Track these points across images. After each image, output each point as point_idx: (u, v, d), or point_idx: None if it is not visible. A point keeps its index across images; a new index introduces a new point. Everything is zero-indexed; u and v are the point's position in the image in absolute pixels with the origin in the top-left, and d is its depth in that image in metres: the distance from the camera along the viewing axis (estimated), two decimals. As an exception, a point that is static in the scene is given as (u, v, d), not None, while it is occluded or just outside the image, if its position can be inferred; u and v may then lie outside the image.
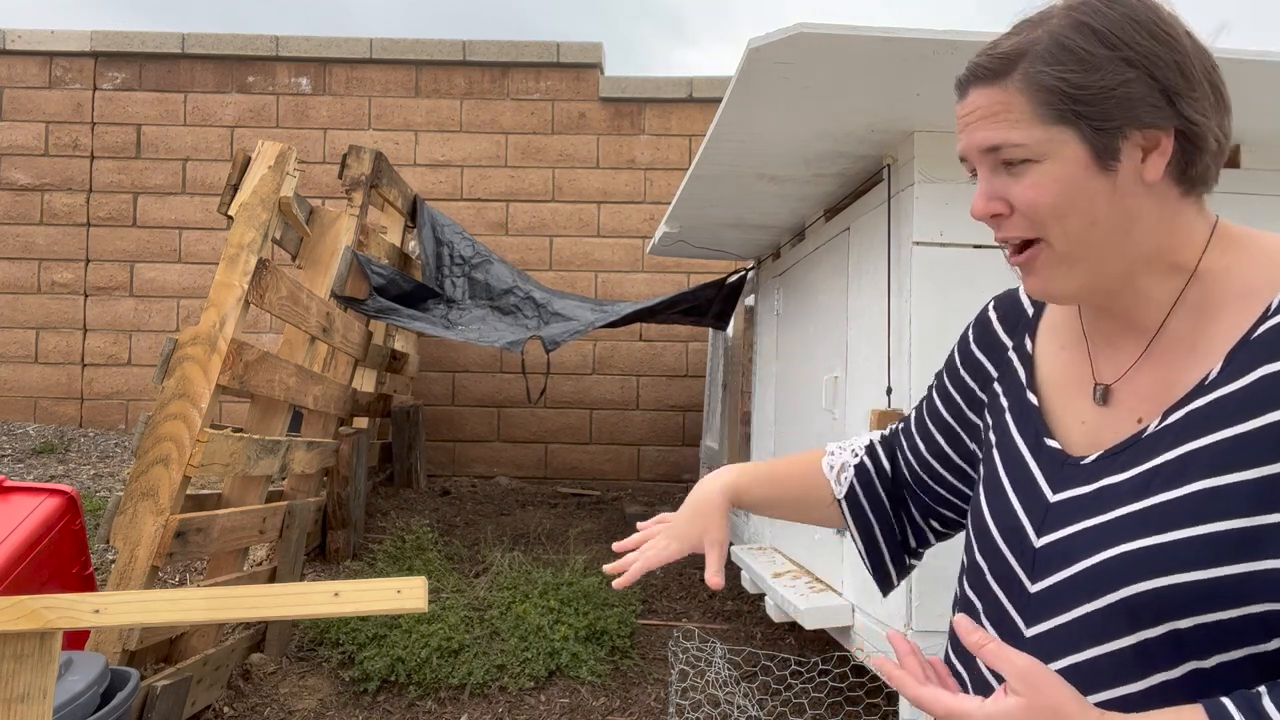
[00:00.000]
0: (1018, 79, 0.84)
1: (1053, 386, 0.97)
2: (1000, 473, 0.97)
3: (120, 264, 6.88)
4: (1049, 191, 0.84)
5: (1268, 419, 0.76)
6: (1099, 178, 0.83)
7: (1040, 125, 0.84)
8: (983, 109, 0.87)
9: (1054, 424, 0.95)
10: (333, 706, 3.36)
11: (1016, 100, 0.84)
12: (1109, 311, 0.91)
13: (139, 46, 6.88)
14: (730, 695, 3.26)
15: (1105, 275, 0.86)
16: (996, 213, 0.88)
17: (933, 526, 1.21)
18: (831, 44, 2.25)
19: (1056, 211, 0.84)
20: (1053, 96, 0.83)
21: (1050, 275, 0.88)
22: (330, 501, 4.60)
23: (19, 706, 1.25)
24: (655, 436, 6.89)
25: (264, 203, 3.21)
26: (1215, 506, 0.76)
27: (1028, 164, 0.85)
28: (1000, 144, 0.85)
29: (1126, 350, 0.90)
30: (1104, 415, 0.90)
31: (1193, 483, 0.78)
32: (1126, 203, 0.84)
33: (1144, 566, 0.78)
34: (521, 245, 6.87)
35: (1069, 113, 0.83)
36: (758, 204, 3.90)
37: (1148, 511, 0.80)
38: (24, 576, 2.59)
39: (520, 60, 6.86)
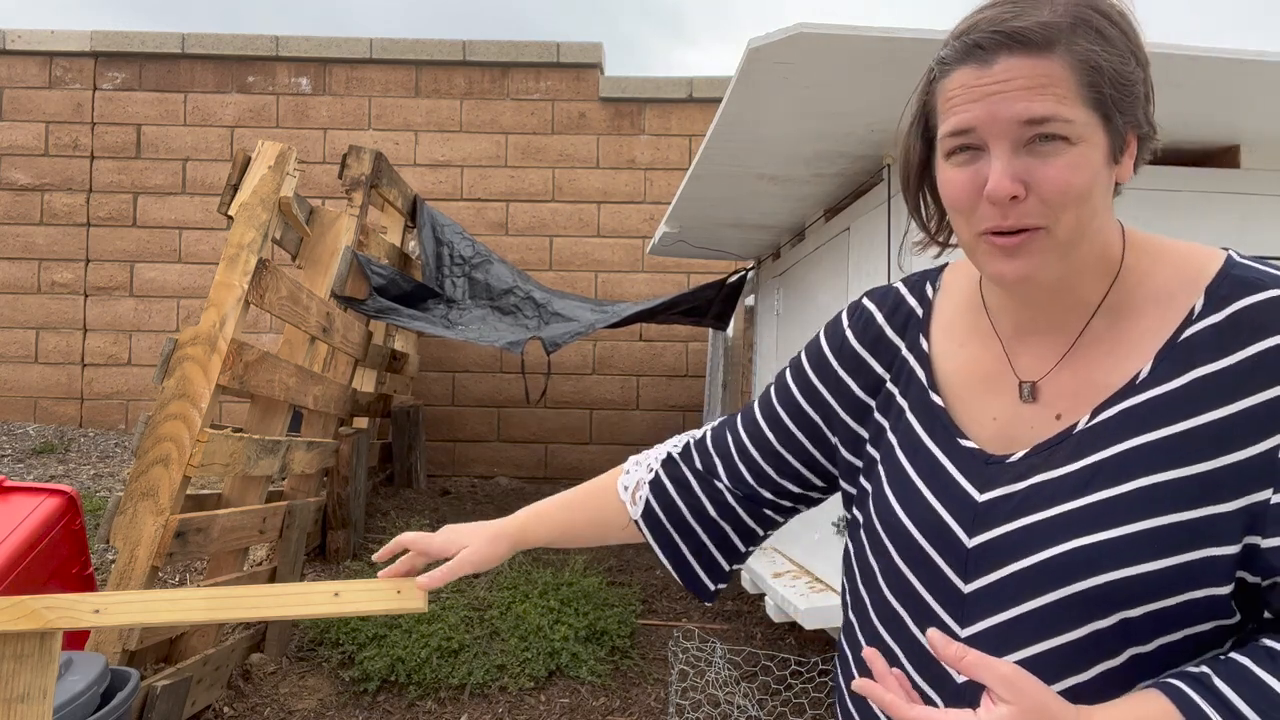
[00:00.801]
0: (1063, 53, 0.80)
1: (956, 385, 0.96)
2: (911, 475, 0.95)
3: (120, 264, 6.88)
4: (1082, 176, 0.80)
5: (1203, 419, 0.79)
6: (1108, 170, 0.83)
7: (1082, 106, 0.80)
8: (1024, 79, 0.80)
9: (961, 423, 0.94)
10: (333, 706, 3.36)
11: (1063, 75, 0.80)
12: (1040, 307, 0.90)
13: (139, 46, 6.88)
14: (730, 695, 3.26)
15: (1079, 266, 0.87)
16: (1017, 194, 0.81)
17: (767, 522, 1.17)
18: (831, 44, 2.25)
19: (1082, 197, 0.81)
20: (1098, 79, 0.80)
21: (1043, 261, 0.83)
22: (330, 501, 4.60)
23: (19, 706, 1.25)
24: (655, 436, 6.89)
25: (264, 203, 3.21)
26: (1159, 502, 0.79)
27: (1062, 144, 0.80)
28: (1049, 117, 0.79)
29: (1045, 347, 0.91)
30: (1019, 412, 0.90)
31: (1136, 479, 0.80)
32: (1109, 199, 0.86)
33: (1096, 561, 0.80)
34: (521, 245, 6.87)
35: (1107, 98, 0.80)
36: (758, 204, 3.90)
37: (1093, 507, 0.81)
38: (24, 576, 2.59)
39: (520, 60, 6.86)
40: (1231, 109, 2.53)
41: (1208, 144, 2.84)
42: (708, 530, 1.17)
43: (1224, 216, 2.76)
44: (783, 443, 1.11)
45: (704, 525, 1.17)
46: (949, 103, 0.85)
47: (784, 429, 1.11)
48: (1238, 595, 0.80)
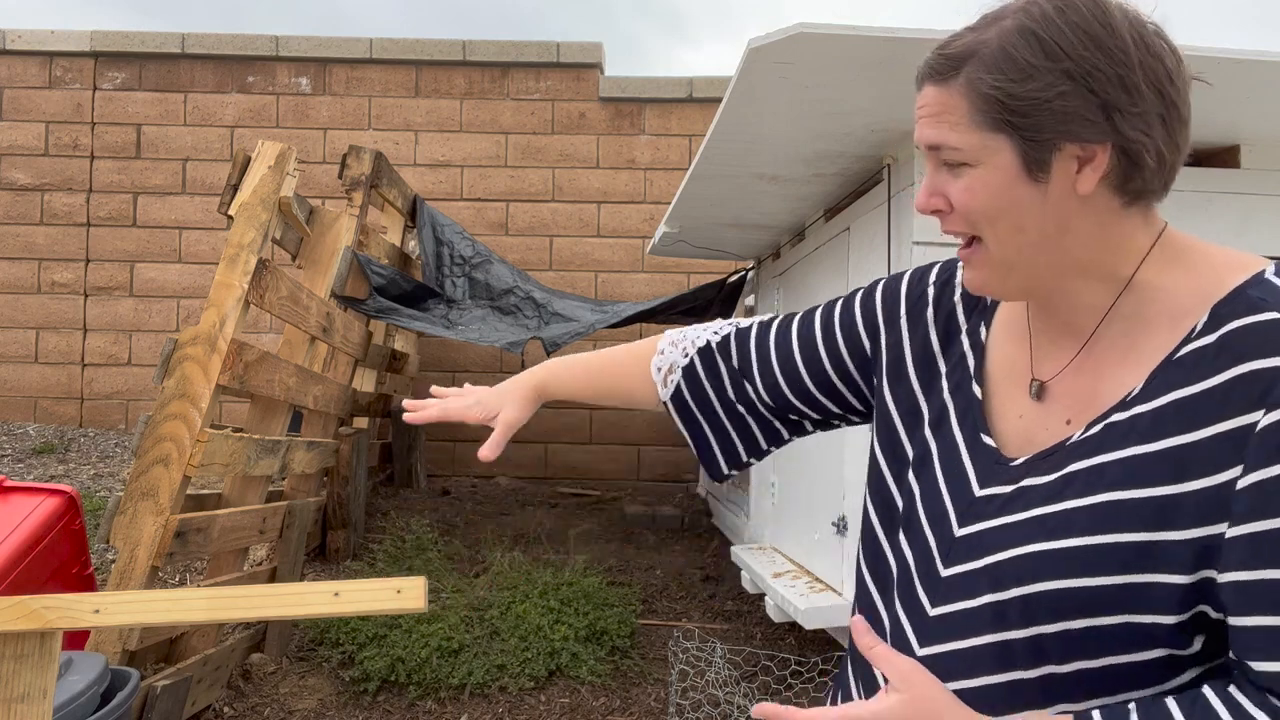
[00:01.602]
0: (960, 82, 0.85)
1: (997, 379, 0.98)
2: (934, 459, 0.98)
3: (120, 264, 6.88)
4: (979, 196, 0.85)
5: (1172, 442, 0.78)
6: (1028, 187, 0.84)
7: (976, 130, 0.84)
8: (929, 107, 0.88)
9: (993, 416, 0.96)
10: (333, 706, 3.36)
11: (957, 103, 0.85)
12: (1051, 309, 0.93)
13: (139, 46, 6.88)
14: (730, 695, 3.26)
15: (1038, 279, 0.88)
16: (937, 208, 0.90)
17: (796, 428, 1.22)
18: (832, 44, 2.25)
19: (986, 215, 0.86)
20: (988, 104, 0.84)
21: (986, 274, 0.90)
22: (330, 501, 4.60)
23: (19, 706, 1.25)
24: (655, 436, 6.89)
25: (264, 203, 3.21)
26: (1117, 519, 0.79)
27: (964, 166, 0.86)
28: (940, 144, 0.87)
29: (1065, 349, 0.91)
30: (1039, 411, 0.92)
31: (1101, 494, 0.81)
32: (1057, 213, 0.84)
33: (1043, 568, 0.81)
34: (521, 245, 6.87)
35: (1002, 121, 0.83)
36: (758, 204, 3.90)
37: (1057, 516, 0.83)
38: (24, 576, 2.59)
39: (520, 60, 6.86)
40: (1231, 109, 2.53)
41: (1208, 144, 2.84)
42: (735, 423, 1.24)
43: (1224, 216, 2.76)
44: (831, 361, 1.14)
45: (731, 419, 1.24)
46: None
47: (835, 349, 1.13)
48: (1207, 628, 0.79)
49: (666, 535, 5.50)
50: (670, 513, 5.79)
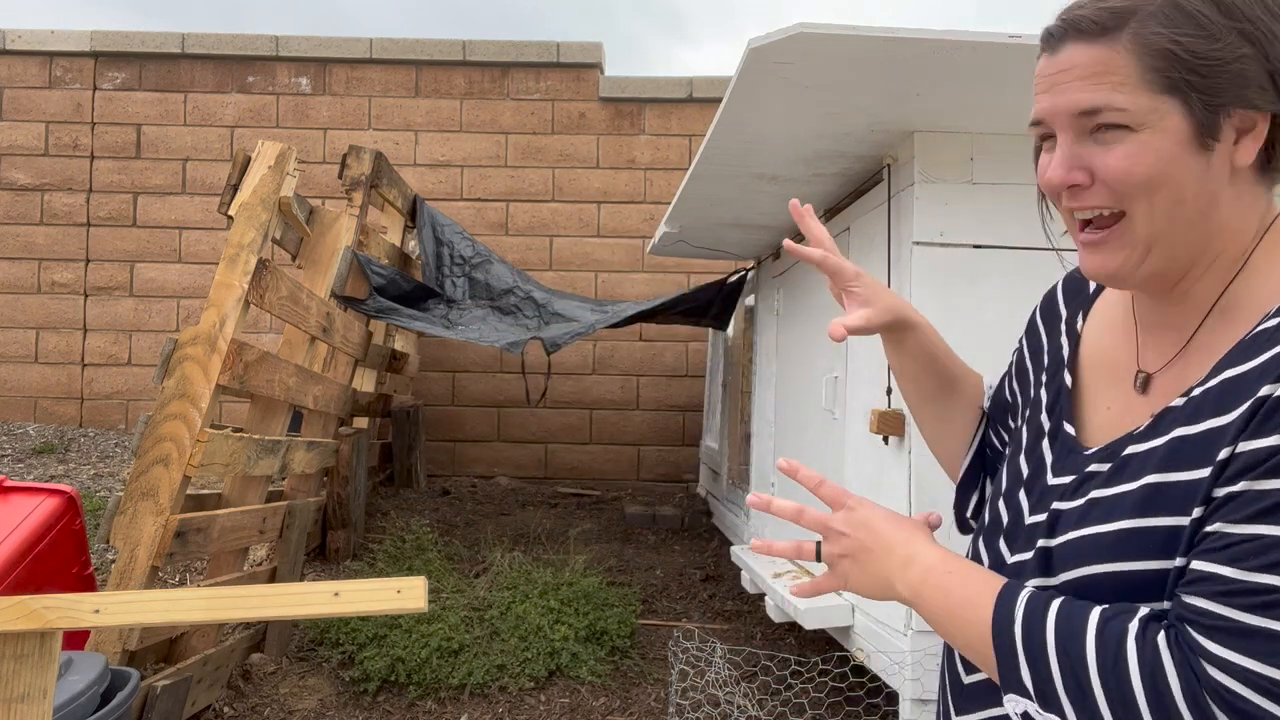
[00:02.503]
0: (1127, 38, 0.78)
1: (1090, 369, 0.97)
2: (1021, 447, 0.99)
3: (120, 264, 6.88)
4: (1143, 163, 0.78)
5: (1210, 424, 0.75)
6: (1195, 156, 0.78)
7: (1146, 92, 0.77)
8: (1082, 68, 0.79)
9: (1081, 406, 0.95)
10: (333, 706, 3.36)
11: (1123, 61, 0.78)
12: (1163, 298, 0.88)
13: (139, 46, 6.88)
14: (730, 695, 3.26)
15: (1174, 261, 0.82)
16: (1076, 182, 0.81)
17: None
18: (832, 44, 2.25)
19: (1148, 185, 0.79)
20: (1165, 62, 0.77)
21: (1124, 255, 0.82)
22: (330, 501, 4.60)
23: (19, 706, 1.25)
24: (655, 436, 6.89)
25: (264, 203, 3.21)
26: (1157, 502, 0.77)
27: (1123, 131, 0.79)
28: (1100, 107, 0.79)
29: (1169, 343, 0.88)
30: (1130, 404, 0.89)
31: (1145, 477, 0.79)
32: (1212, 185, 0.80)
33: (1091, 551, 0.80)
34: (521, 245, 6.87)
35: (1180, 81, 0.77)
36: (758, 204, 3.90)
37: (1108, 500, 0.81)
38: (24, 576, 2.59)
39: (520, 60, 6.87)
40: None
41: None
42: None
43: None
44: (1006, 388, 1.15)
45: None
46: (1034, 91, 0.86)
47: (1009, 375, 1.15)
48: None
49: (666, 535, 5.50)
50: (670, 513, 5.79)
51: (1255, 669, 0.67)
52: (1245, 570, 0.68)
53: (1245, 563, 0.68)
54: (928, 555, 0.88)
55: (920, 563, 0.88)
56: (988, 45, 2.21)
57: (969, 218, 2.72)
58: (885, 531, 0.92)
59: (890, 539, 0.91)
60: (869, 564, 0.91)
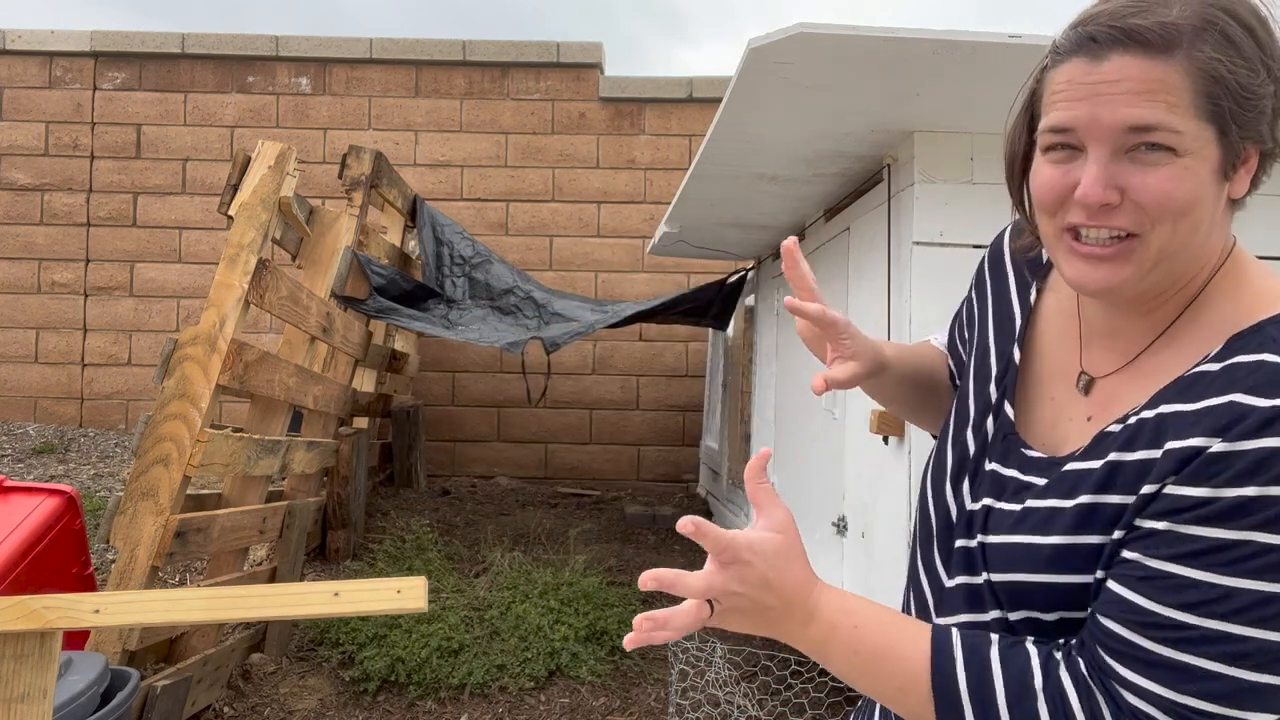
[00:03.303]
0: (1182, 59, 0.75)
1: (1041, 350, 0.97)
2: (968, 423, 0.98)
3: (120, 264, 6.88)
4: (1184, 189, 0.76)
5: (1143, 454, 0.77)
6: (1218, 185, 0.78)
7: (1194, 117, 0.75)
8: (1135, 81, 0.75)
9: (1026, 389, 0.96)
10: (333, 706, 3.36)
11: (1179, 83, 0.75)
12: (1119, 314, 0.89)
13: (139, 46, 6.88)
14: (730, 695, 3.26)
15: (1167, 283, 0.83)
16: (1109, 202, 0.78)
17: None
18: (832, 44, 2.25)
19: (1183, 210, 0.77)
20: (1219, 90, 0.75)
21: (1131, 271, 0.80)
22: (330, 501, 4.60)
23: (19, 706, 1.25)
24: (655, 436, 6.89)
25: (264, 203, 3.21)
26: (1087, 521, 0.80)
27: (1167, 154, 0.76)
28: (1156, 125, 0.75)
29: (1116, 351, 0.89)
30: (1070, 401, 0.91)
31: (1081, 496, 0.81)
32: (1217, 215, 0.80)
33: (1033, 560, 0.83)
34: (521, 245, 6.88)
35: (1225, 112, 0.75)
36: (758, 204, 3.90)
37: (1045, 511, 0.84)
38: (24, 576, 2.59)
39: (520, 60, 6.87)
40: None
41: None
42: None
43: (1224, 216, 2.76)
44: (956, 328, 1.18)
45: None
46: (1054, 95, 0.82)
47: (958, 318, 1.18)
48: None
49: (666, 535, 5.49)
50: (670, 513, 5.79)
51: (1167, 695, 0.72)
52: (1163, 605, 0.73)
53: (1164, 598, 0.73)
54: (827, 609, 0.86)
55: (821, 619, 0.85)
56: (988, 45, 2.21)
57: (969, 218, 2.72)
58: (783, 587, 0.85)
59: (789, 596, 0.85)
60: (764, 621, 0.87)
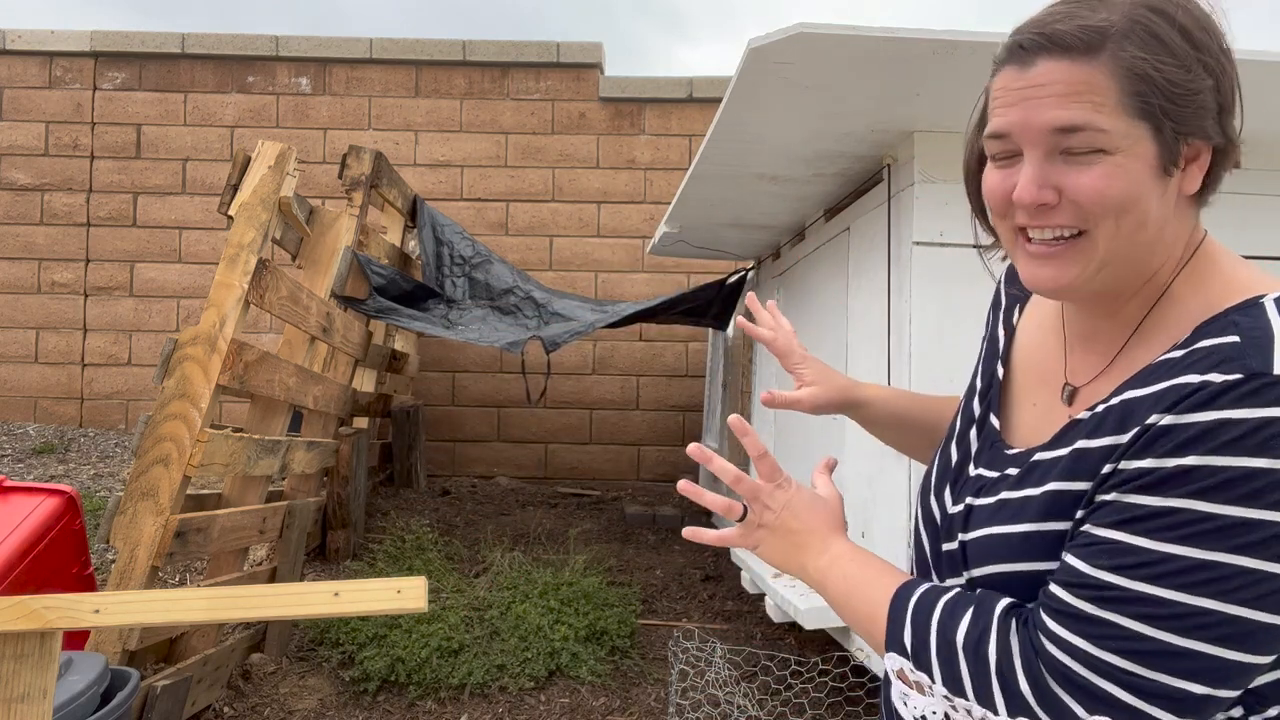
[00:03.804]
0: (1106, 59, 0.77)
1: (1022, 363, 1.00)
2: (954, 436, 1.02)
3: (120, 264, 6.88)
4: (1117, 186, 0.78)
5: (1108, 440, 0.79)
6: (1158, 182, 0.80)
7: (1123, 115, 0.77)
8: (1061, 85, 0.78)
9: (1011, 399, 0.98)
10: (333, 706, 3.36)
11: (1104, 83, 0.77)
12: (1090, 316, 0.91)
13: (139, 46, 6.88)
14: (730, 695, 3.26)
15: (1119, 281, 0.84)
16: (1045, 202, 0.81)
17: None
18: (832, 44, 2.25)
19: (1119, 208, 0.79)
20: (1145, 88, 0.77)
21: (1078, 270, 0.82)
22: (330, 501, 4.60)
23: (19, 706, 1.25)
24: (655, 436, 6.89)
25: (264, 203, 3.21)
26: (1056, 507, 0.81)
27: (1098, 154, 0.78)
28: (1081, 126, 0.78)
29: (1095, 356, 0.91)
30: (1053, 408, 0.93)
31: (1049, 483, 0.83)
32: (1165, 212, 0.81)
33: (998, 550, 0.86)
34: (521, 245, 6.88)
35: (1155, 109, 0.77)
36: (758, 204, 3.90)
37: (1014, 502, 0.86)
38: (24, 576, 2.59)
39: (520, 60, 6.87)
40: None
41: (1208, 144, 2.84)
42: None
43: (1224, 216, 2.75)
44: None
45: None
46: (993, 103, 0.85)
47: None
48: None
49: (666, 535, 5.49)
50: (670, 513, 5.79)
51: (1085, 648, 0.74)
52: (1094, 567, 0.75)
53: (1097, 560, 0.75)
54: (841, 545, 0.97)
55: (833, 551, 0.96)
56: (988, 45, 2.21)
57: (969, 218, 2.72)
58: (810, 520, 0.98)
59: (813, 527, 0.98)
60: (787, 543, 0.99)
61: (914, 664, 0.84)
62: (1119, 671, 0.72)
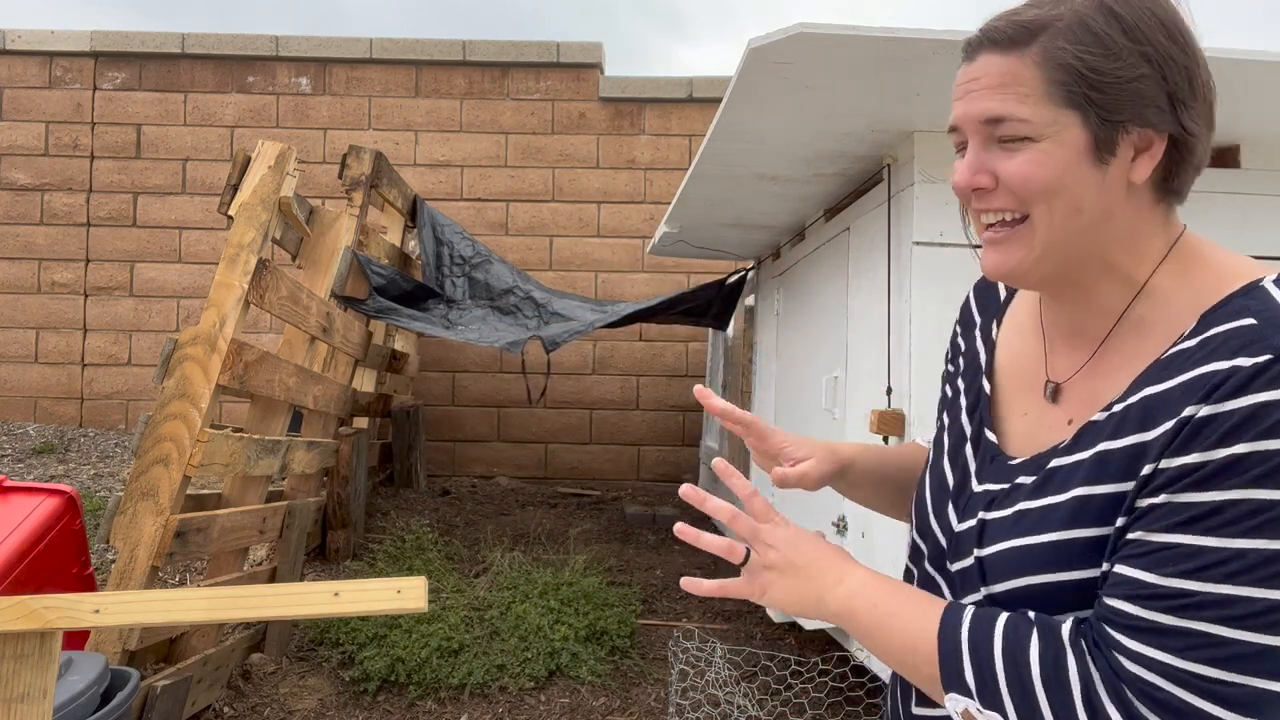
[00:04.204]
0: (1034, 52, 0.82)
1: (1006, 374, 1.00)
2: (945, 456, 1.00)
3: (120, 264, 6.88)
4: (1042, 171, 0.82)
5: (1133, 439, 0.78)
6: (1092, 168, 0.82)
7: (1048, 104, 0.82)
8: (991, 77, 0.84)
9: (1000, 411, 0.98)
10: (333, 706, 3.36)
11: (1029, 74, 0.82)
12: (1065, 308, 0.92)
13: (139, 46, 6.88)
14: (730, 695, 3.26)
15: (1066, 268, 0.86)
16: (980, 186, 0.85)
17: None
18: (832, 44, 2.25)
19: (1047, 191, 0.83)
20: (1068, 77, 0.81)
21: (1021, 255, 0.86)
22: (330, 501, 4.60)
23: (19, 706, 1.25)
24: (655, 436, 6.89)
25: (264, 203, 3.21)
26: (1084, 514, 0.80)
27: (1025, 141, 0.83)
28: (1004, 116, 0.83)
29: (1079, 350, 0.91)
30: (1045, 411, 0.93)
31: (1072, 490, 0.82)
32: (1107, 199, 0.84)
33: (1025, 563, 0.83)
34: (521, 245, 6.88)
35: (1080, 96, 0.81)
36: (758, 204, 3.90)
37: (1036, 511, 0.84)
38: (24, 576, 2.59)
39: (520, 60, 6.87)
40: (1231, 109, 2.53)
41: (1208, 144, 2.84)
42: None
43: (1224, 216, 2.77)
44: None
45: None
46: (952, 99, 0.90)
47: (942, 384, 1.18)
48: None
49: (666, 535, 5.50)
50: (670, 513, 5.79)
51: (1170, 662, 0.72)
52: (1162, 576, 0.73)
53: (1163, 569, 0.73)
54: (859, 571, 0.92)
55: (852, 579, 0.91)
56: (988, 45, 2.20)
57: (969, 218, 2.72)
58: (815, 552, 0.93)
59: (822, 560, 0.93)
60: (798, 581, 0.93)
61: (981, 702, 0.79)
62: (1204, 682, 0.70)
